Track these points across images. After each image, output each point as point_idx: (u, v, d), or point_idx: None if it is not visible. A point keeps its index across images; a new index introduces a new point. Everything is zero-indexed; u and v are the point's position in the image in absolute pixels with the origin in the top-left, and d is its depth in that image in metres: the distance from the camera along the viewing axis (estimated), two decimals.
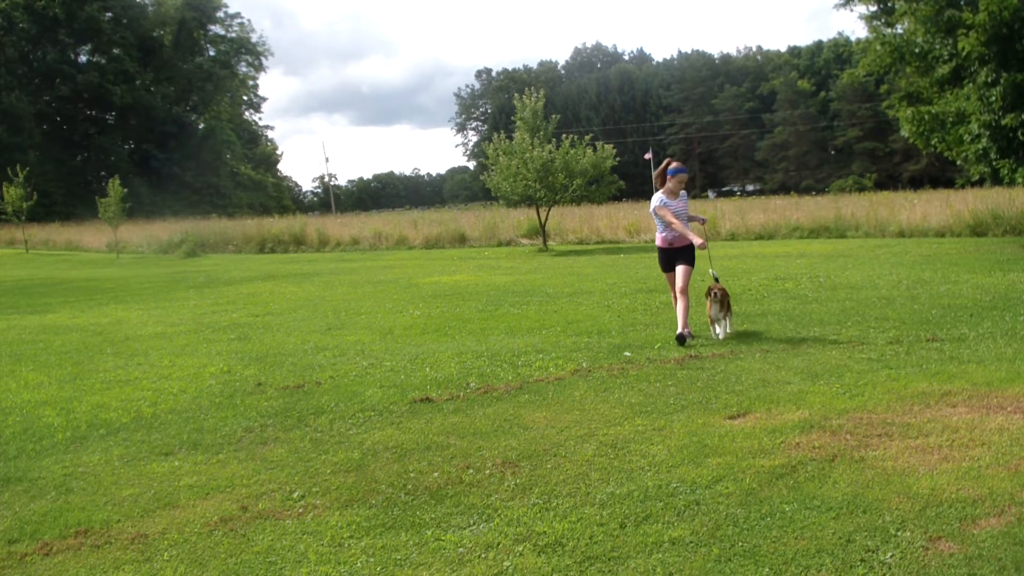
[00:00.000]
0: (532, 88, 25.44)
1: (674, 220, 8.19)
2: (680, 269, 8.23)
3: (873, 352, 7.13)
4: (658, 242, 8.55)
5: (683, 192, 8.49)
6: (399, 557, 3.62)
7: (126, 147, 69.38)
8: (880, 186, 59.76)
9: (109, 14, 66.20)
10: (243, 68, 79.02)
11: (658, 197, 8.36)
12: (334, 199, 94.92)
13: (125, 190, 32.89)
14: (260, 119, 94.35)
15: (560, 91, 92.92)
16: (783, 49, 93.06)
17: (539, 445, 5.01)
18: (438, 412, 5.94)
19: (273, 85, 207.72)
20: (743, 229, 25.10)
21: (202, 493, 4.51)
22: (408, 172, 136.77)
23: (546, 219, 25.92)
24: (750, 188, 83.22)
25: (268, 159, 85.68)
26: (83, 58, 68.85)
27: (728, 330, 8.20)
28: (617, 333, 8.73)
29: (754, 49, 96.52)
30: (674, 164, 8.44)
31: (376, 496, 4.34)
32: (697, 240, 8.05)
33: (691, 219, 8.56)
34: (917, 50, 17.51)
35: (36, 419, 6.27)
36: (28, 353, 9.32)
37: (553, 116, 24.97)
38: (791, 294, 11.19)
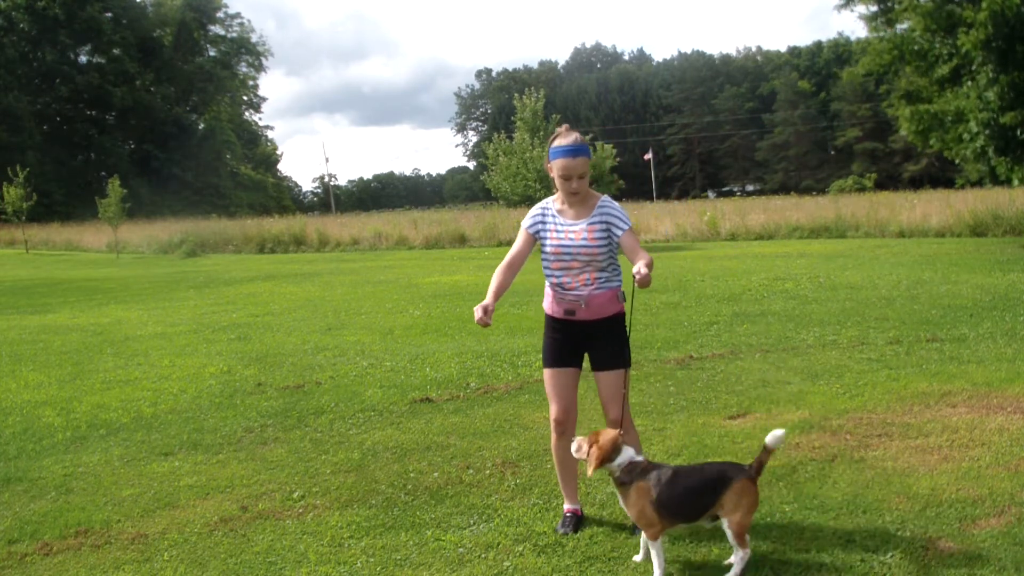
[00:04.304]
0: (532, 88, 25.48)
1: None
2: (605, 377, 3.75)
3: (873, 352, 7.13)
4: (547, 307, 3.90)
5: (605, 199, 3.89)
6: (399, 557, 3.62)
7: (126, 147, 69.33)
8: (880, 186, 59.64)
9: (109, 14, 66.21)
10: (243, 68, 79.15)
11: (537, 209, 3.94)
12: (334, 199, 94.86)
13: (125, 190, 32.93)
14: (260, 119, 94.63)
15: (560, 91, 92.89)
16: (783, 49, 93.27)
17: (539, 445, 5.01)
18: (438, 412, 5.94)
19: (274, 85, 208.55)
20: (743, 229, 25.13)
21: (202, 493, 4.51)
22: (408, 172, 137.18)
23: None
24: (750, 188, 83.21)
25: (268, 159, 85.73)
26: (83, 58, 68.83)
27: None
28: None
29: (754, 49, 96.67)
30: (560, 139, 3.77)
31: (376, 496, 4.34)
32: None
33: (596, 270, 3.75)
34: (916, 48, 17.49)
35: (36, 419, 6.28)
36: (28, 353, 9.32)
37: (553, 116, 25.05)
38: (791, 294, 11.19)
